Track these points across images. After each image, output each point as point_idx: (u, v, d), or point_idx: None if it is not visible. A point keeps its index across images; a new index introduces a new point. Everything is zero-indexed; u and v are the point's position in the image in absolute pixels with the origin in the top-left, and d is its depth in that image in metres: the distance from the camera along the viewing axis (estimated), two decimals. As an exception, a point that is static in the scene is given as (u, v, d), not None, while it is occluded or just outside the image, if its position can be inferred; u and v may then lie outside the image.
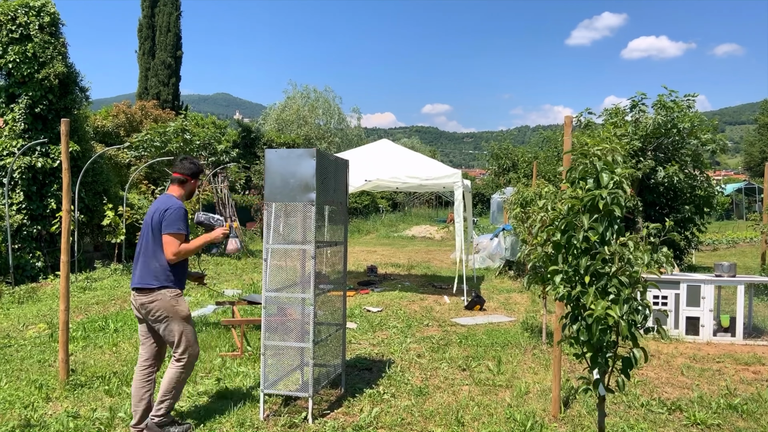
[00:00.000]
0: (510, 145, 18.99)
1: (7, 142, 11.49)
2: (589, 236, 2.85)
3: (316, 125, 36.95)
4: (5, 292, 9.38)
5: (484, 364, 5.81)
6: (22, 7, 11.50)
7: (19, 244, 11.14)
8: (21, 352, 6.13)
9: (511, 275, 12.23)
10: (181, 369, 3.97)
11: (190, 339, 4.01)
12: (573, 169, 3.05)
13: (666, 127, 10.46)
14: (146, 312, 3.95)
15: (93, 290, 10.00)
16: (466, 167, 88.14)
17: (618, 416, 4.48)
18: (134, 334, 6.86)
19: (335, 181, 4.69)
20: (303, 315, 4.38)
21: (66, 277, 5.16)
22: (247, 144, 25.59)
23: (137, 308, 4.00)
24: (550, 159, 14.25)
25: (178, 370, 3.96)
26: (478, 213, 34.37)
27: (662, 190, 10.74)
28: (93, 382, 5.09)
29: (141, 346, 4.09)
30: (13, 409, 4.49)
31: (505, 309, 8.80)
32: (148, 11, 28.22)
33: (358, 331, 7.15)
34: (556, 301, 4.06)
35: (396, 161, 10.38)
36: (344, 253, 5.00)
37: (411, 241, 21.88)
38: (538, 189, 6.64)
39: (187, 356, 3.98)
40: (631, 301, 2.83)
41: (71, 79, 12.14)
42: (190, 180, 4.18)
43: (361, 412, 4.47)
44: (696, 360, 6.07)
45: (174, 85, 28.11)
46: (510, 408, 4.58)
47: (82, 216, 12.12)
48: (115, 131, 20.11)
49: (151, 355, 4.06)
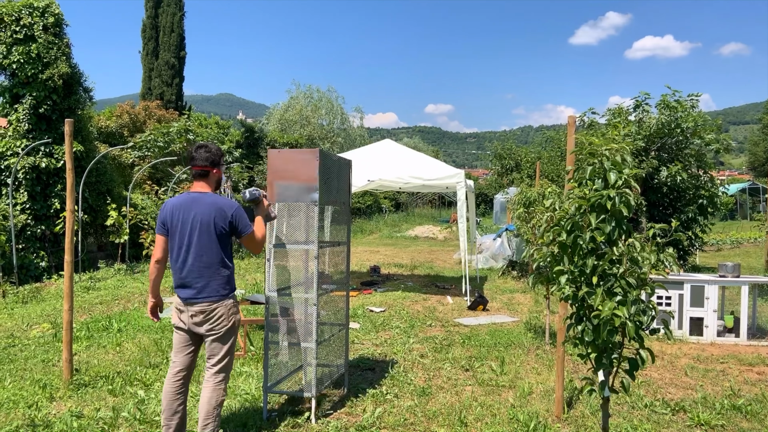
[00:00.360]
0: (513, 145, 18.96)
1: (11, 142, 11.53)
2: (595, 236, 2.84)
3: (319, 125, 36.96)
4: (9, 292, 9.41)
5: (487, 364, 5.80)
6: (26, 7, 11.54)
7: (23, 244, 11.17)
8: (25, 352, 6.14)
9: (514, 275, 12.21)
10: (222, 385, 3.73)
11: (233, 352, 3.84)
12: (580, 168, 3.03)
13: (669, 126, 10.43)
14: (206, 321, 3.67)
15: (97, 290, 10.01)
16: (469, 167, 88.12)
17: (621, 417, 4.47)
18: (137, 333, 6.88)
19: (338, 181, 4.69)
20: (306, 315, 4.37)
21: (70, 277, 5.16)
22: (250, 144, 25.61)
23: (192, 317, 3.68)
24: (554, 159, 14.23)
25: (220, 387, 3.72)
26: (481, 213, 34.36)
27: (665, 190, 10.71)
28: (96, 382, 5.10)
29: (176, 355, 3.78)
30: (17, 408, 4.50)
31: (508, 309, 8.78)
32: (151, 12, 28.30)
33: (361, 331, 7.15)
34: (560, 302, 4.06)
35: (399, 161, 10.37)
36: (347, 253, 4.99)
37: (414, 241, 21.87)
38: (542, 189, 6.63)
39: (228, 371, 3.78)
40: (638, 302, 2.82)
41: (75, 80, 12.18)
42: (212, 170, 3.80)
43: (364, 413, 4.46)
44: (700, 361, 6.06)
45: (177, 85, 28.19)
46: (513, 408, 4.57)
47: (86, 216, 12.15)
48: (119, 131, 20.16)
49: (186, 366, 3.77)
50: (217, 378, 3.72)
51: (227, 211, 3.68)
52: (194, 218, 3.66)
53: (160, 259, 3.75)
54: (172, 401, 3.71)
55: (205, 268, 3.66)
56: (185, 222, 3.67)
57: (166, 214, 3.74)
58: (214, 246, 3.67)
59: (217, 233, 3.67)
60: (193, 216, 3.67)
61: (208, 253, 3.66)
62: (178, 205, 3.72)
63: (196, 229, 3.66)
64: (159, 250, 3.75)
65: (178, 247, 3.69)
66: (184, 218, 3.68)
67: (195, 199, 3.72)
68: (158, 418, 4.26)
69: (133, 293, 9.66)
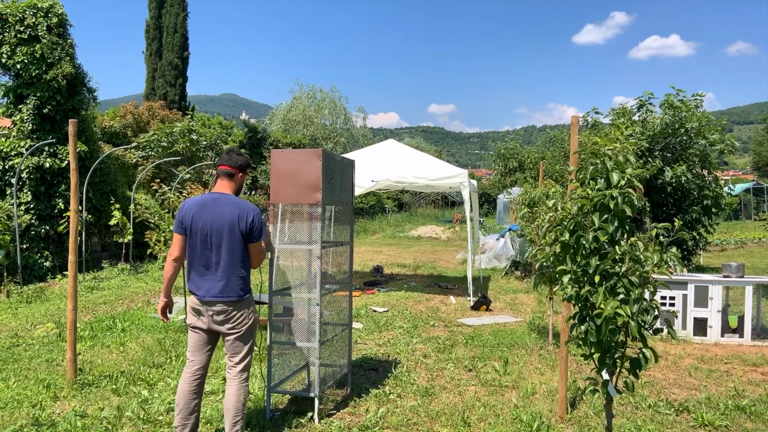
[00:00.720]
0: (517, 145, 18.92)
1: (16, 142, 11.57)
2: (598, 236, 2.84)
3: (322, 125, 36.98)
4: (13, 292, 9.44)
5: (490, 364, 5.80)
6: (30, 8, 11.58)
7: (27, 244, 11.21)
8: (29, 352, 6.16)
9: (518, 275, 12.20)
10: (246, 383, 3.76)
11: (253, 349, 3.87)
12: (583, 168, 3.03)
13: (673, 126, 10.41)
14: (228, 320, 3.69)
15: (100, 290, 10.04)
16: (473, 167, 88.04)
17: (625, 417, 4.46)
18: (141, 333, 6.89)
19: (341, 181, 4.69)
20: (309, 315, 4.38)
21: (74, 277, 5.18)
22: (253, 144, 25.67)
23: (213, 316, 3.69)
24: (557, 159, 14.21)
25: (245, 384, 3.76)
26: (485, 213, 34.32)
27: (670, 190, 10.69)
28: (100, 382, 5.11)
29: (193, 355, 3.78)
30: (22, 407, 4.51)
31: (512, 309, 8.77)
32: (155, 12, 28.36)
33: (364, 331, 7.15)
34: (563, 302, 4.05)
35: (402, 161, 10.37)
36: (350, 253, 4.99)
37: (417, 241, 21.87)
38: (545, 189, 6.62)
39: (249, 368, 3.81)
40: (640, 301, 2.81)
41: (79, 80, 12.22)
42: (238, 173, 3.86)
43: (367, 412, 4.47)
44: (704, 361, 6.04)
45: (181, 85, 28.25)
46: (516, 409, 4.57)
47: (90, 216, 12.19)
48: (123, 132, 20.23)
49: (203, 365, 3.78)
50: (242, 376, 3.77)
51: (249, 214, 3.71)
52: (218, 218, 3.67)
53: (178, 257, 3.75)
54: (190, 400, 3.72)
55: (227, 268, 3.68)
56: (207, 221, 3.68)
57: (185, 213, 3.74)
58: (236, 246, 3.69)
59: (239, 234, 3.69)
60: (217, 216, 3.68)
61: (230, 252, 3.68)
62: (199, 204, 3.73)
63: (218, 229, 3.66)
64: (177, 249, 3.74)
65: (201, 247, 3.68)
66: (205, 218, 3.68)
67: (217, 200, 3.74)
68: (161, 418, 4.27)
69: (136, 293, 9.68)
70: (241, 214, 3.69)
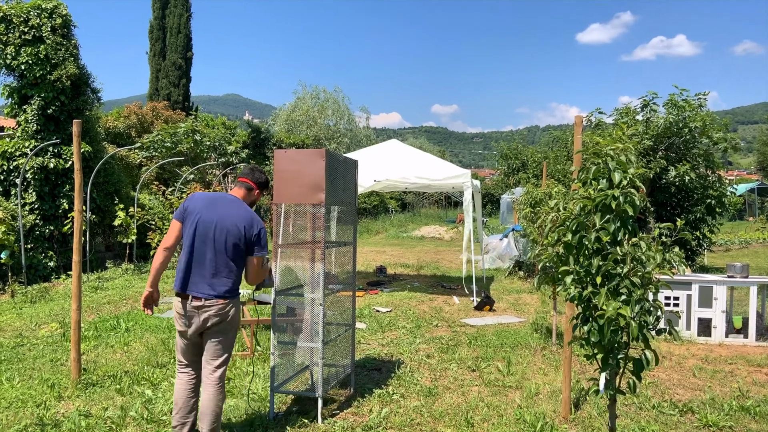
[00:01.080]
0: (520, 145, 18.91)
1: (20, 142, 11.61)
2: (600, 236, 2.83)
3: (326, 125, 37.02)
4: (18, 292, 9.48)
5: (493, 364, 5.80)
6: (34, 8, 11.62)
7: (31, 244, 11.25)
8: (33, 351, 6.19)
9: (521, 276, 12.18)
10: (223, 388, 3.71)
11: (231, 355, 3.85)
12: (585, 168, 3.03)
13: (677, 126, 10.39)
14: (214, 320, 3.62)
15: (104, 290, 10.07)
16: (476, 167, 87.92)
17: (629, 418, 4.45)
18: (145, 333, 6.91)
19: (344, 181, 4.70)
20: (312, 315, 4.38)
21: (78, 277, 5.20)
22: (256, 144, 25.70)
23: (197, 315, 3.62)
24: (560, 159, 14.21)
25: (222, 386, 3.70)
26: (488, 213, 34.27)
27: (673, 190, 10.67)
28: (104, 381, 5.13)
29: (185, 356, 3.78)
30: (26, 407, 4.53)
31: (515, 310, 8.76)
32: (158, 13, 28.40)
33: (367, 332, 7.15)
34: (567, 302, 4.05)
35: (405, 161, 10.37)
36: (353, 253, 5.00)
37: (420, 241, 21.86)
38: (548, 189, 6.61)
39: (225, 373, 3.76)
40: (642, 301, 2.81)
41: (83, 81, 12.25)
42: (255, 190, 3.92)
43: (370, 413, 4.47)
44: (708, 361, 6.02)
45: (184, 86, 28.28)
46: (520, 409, 4.56)
47: (94, 216, 12.23)
48: (127, 132, 20.28)
49: (196, 366, 3.78)
50: (220, 380, 3.71)
51: (257, 225, 3.73)
52: (227, 217, 3.66)
53: (170, 246, 3.67)
54: (188, 399, 3.72)
55: (220, 267, 3.64)
56: (214, 217, 3.65)
57: (193, 203, 3.71)
58: (235, 249, 3.67)
59: (243, 239, 3.67)
60: (227, 215, 3.67)
61: (228, 253, 3.65)
62: (211, 198, 3.73)
63: (223, 228, 3.63)
64: (172, 238, 3.68)
65: (200, 241, 3.63)
66: (213, 213, 3.66)
67: (231, 201, 3.77)
68: (165, 418, 4.28)
69: (140, 293, 9.70)
70: (249, 223, 3.70)
